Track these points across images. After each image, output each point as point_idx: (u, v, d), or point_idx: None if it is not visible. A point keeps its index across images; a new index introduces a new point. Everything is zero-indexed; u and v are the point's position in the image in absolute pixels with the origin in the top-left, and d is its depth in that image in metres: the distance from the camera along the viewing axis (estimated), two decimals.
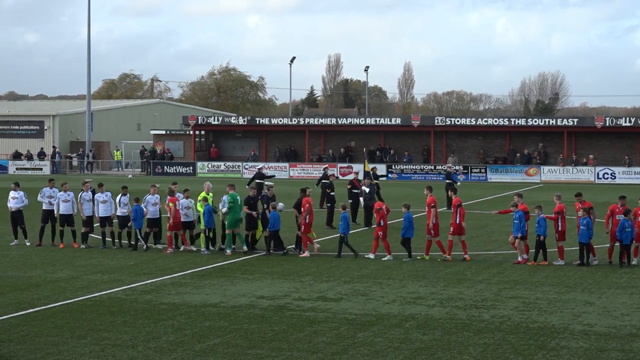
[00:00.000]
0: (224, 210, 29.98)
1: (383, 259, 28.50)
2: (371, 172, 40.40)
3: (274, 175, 55.82)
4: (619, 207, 27.88)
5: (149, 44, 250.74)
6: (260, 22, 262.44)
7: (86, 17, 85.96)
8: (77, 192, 32.49)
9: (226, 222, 30.07)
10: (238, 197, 30.10)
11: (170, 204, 30.61)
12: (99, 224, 31.82)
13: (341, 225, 29.37)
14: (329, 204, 38.18)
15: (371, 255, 28.82)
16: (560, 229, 27.79)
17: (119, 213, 31.30)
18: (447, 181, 45.16)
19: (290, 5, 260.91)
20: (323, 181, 42.33)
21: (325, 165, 52.54)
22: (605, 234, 28.49)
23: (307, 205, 29.51)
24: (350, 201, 38.47)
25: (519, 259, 27.86)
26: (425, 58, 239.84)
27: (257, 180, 43.76)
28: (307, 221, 29.44)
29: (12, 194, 32.43)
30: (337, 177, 40.87)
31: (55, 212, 31.71)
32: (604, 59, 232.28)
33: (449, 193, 30.30)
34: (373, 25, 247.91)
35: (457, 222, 28.37)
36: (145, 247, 30.68)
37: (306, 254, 29.30)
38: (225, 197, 30.08)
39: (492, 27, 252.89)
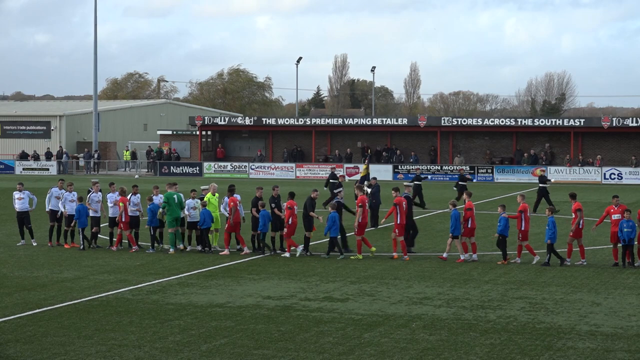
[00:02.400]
0: (160, 210, 30.66)
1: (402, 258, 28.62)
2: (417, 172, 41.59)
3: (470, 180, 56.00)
4: (614, 207, 27.87)
5: (160, 44, 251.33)
6: (270, 22, 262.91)
7: (98, 17, 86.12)
8: (81, 192, 32.45)
9: (165, 222, 30.69)
10: (175, 196, 30.62)
11: (121, 204, 30.95)
12: (107, 224, 31.84)
13: (327, 225, 29.33)
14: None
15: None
16: (522, 228, 27.96)
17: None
18: (460, 182, 45.19)
19: (302, 5, 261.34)
20: (332, 181, 42.35)
21: (333, 166, 52.49)
22: (592, 234, 28.58)
23: (289, 207, 29.52)
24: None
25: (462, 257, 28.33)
26: (435, 58, 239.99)
27: (332, 180, 44.07)
28: (289, 223, 29.40)
29: (16, 194, 32.41)
30: (345, 178, 40.75)
31: (63, 212, 31.70)
32: (614, 59, 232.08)
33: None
34: (384, 25, 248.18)
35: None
36: (82, 247, 30.92)
37: (286, 254, 29.38)
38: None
39: (503, 27, 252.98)
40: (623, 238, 26.97)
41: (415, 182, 44.73)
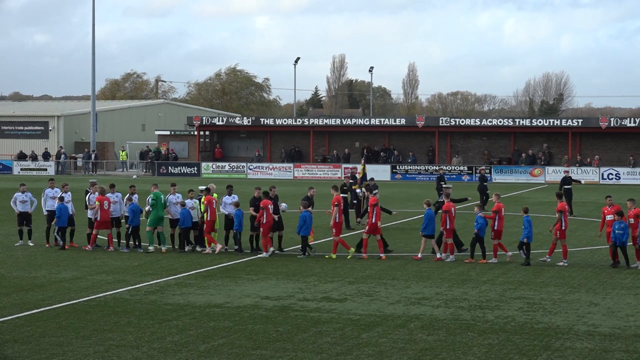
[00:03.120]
0: (147, 208, 30.82)
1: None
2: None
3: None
4: (607, 208, 27.92)
5: (160, 44, 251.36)
6: (270, 22, 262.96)
7: (97, 17, 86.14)
8: (78, 193, 32.45)
9: (148, 220, 30.83)
10: (161, 196, 30.76)
11: (97, 202, 31.07)
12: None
13: (299, 224, 29.39)
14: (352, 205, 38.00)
15: (443, 255, 28.89)
16: (496, 227, 28.16)
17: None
18: (483, 183, 45.03)
19: (302, 5, 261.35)
20: (350, 181, 42.33)
21: (354, 166, 52.37)
22: (590, 235, 28.66)
23: (262, 206, 29.66)
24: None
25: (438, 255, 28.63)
26: (435, 58, 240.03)
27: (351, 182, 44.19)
28: (264, 222, 29.45)
29: (20, 197, 32.30)
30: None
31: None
32: (613, 59, 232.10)
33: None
34: (384, 26, 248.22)
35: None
36: (61, 245, 31.10)
37: (264, 254, 29.46)
38: (149, 196, 31.03)
39: (502, 27, 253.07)
40: (614, 239, 27.05)
41: (483, 183, 44.76)
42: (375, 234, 29.11)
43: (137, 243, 31.00)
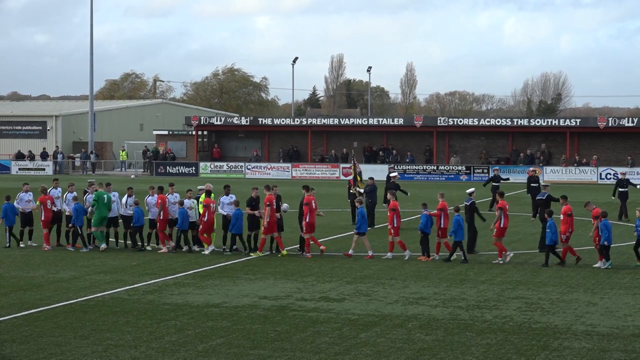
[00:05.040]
0: (90, 209, 30.99)
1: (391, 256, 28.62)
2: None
3: (508, 178, 55.84)
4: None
5: (160, 44, 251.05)
6: (270, 22, 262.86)
7: (98, 18, 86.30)
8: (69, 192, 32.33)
9: (92, 220, 30.96)
10: (105, 196, 30.93)
11: (38, 202, 31.37)
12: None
13: (232, 223, 29.81)
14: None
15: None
16: (442, 226, 28.48)
17: (123, 213, 31.35)
18: (494, 184, 44.71)
19: (303, 5, 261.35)
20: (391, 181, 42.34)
21: (392, 165, 52.32)
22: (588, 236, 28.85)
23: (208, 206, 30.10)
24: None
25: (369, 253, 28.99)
26: (434, 58, 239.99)
27: (493, 183, 44.61)
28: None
29: (25, 196, 32.27)
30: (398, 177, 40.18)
31: (67, 212, 31.71)
32: (613, 59, 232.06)
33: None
34: (383, 26, 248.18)
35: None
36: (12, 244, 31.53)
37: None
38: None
39: (503, 27, 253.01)
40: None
41: (493, 184, 44.57)
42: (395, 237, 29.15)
43: (85, 242, 31.08)
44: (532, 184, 42.42)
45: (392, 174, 40.53)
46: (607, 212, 28.19)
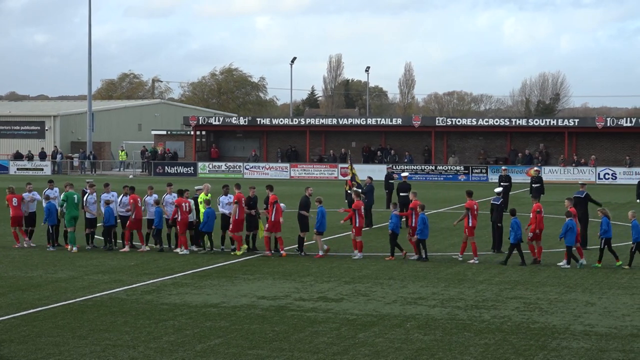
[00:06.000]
0: (59, 209, 31.14)
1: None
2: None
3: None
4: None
5: (160, 44, 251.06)
6: (270, 22, 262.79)
7: (98, 18, 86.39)
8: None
9: (64, 221, 31.12)
10: (75, 196, 31.07)
11: (6, 201, 31.93)
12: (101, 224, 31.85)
13: (204, 221, 30.00)
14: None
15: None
16: (413, 225, 28.67)
17: (121, 213, 31.34)
18: (534, 185, 43.21)
19: (303, 5, 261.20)
20: (390, 181, 42.30)
21: (390, 165, 52.04)
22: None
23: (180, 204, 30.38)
24: (386, 191, 39.74)
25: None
26: (434, 59, 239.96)
27: (390, 181, 43.08)
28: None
29: (29, 196, 32.26)
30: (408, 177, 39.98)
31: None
32: (613, 59, 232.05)
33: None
34: (383, 26, 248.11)
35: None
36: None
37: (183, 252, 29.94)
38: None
39: (502, 27, 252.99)
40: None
41: (503, 184, 43.66)
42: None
43: (52, 242, 31.29)
44: (534, 185, 42.24)
45: (403, 174, 40.73)
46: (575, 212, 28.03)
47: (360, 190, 37.01)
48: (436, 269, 26.94)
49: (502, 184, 44.02)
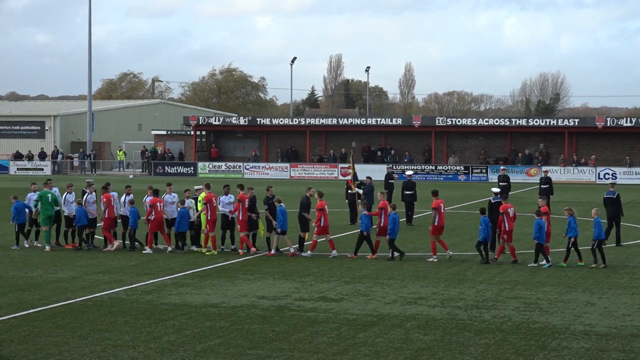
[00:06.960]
0: (34, 209, 31.28)
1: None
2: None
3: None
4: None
5: (161, 44, 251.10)
6: (271, 22, 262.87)
7: (100, 17, 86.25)
8: (69, 192, 32.31)
9: (39, 220, 31.26)
10: (49, 195, 31.13)
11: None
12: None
13: (177, 221, 30.29)
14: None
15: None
16: (382, 224, 28.81)
17: (121, 213, 31.35)
18: (543, 186, 42.86)
19: (304, 5, 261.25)
20: (390, 181, 42.30)
21: (390, 165, 52.13)
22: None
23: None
24: (386, 190, 39.00)
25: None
26: (434, 59, 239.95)
27: (390, 181, 43.40)
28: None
29: (33, 196, 32.18)
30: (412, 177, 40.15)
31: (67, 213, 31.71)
32: (613, 59, 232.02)
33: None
34: (384, 26, 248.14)
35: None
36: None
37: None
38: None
39: (503, 27, 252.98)
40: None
41: (501, 184, 43.30)
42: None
43: (18, 241, 31.51)
44: (542, 185, 42.24)
45: (407, 173, 40.83)
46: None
47: (361, 192, 37.06)
48: (436, 269, 26.94)
49: (500, 184, 43.88)
